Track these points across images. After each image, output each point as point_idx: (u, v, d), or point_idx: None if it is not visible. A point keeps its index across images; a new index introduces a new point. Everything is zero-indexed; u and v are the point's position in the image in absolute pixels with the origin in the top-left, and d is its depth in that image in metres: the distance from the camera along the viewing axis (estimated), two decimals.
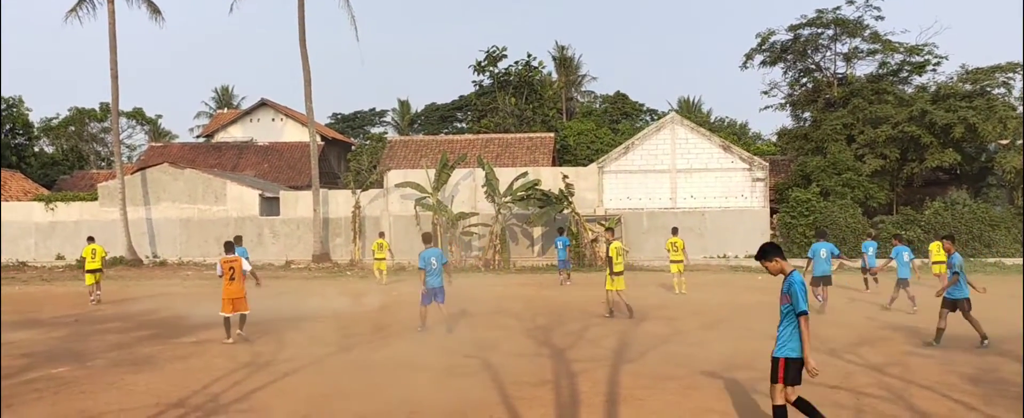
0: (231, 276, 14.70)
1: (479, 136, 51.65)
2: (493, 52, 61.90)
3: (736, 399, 9.78)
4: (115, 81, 38.78)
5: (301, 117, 52.74)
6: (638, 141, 38.76)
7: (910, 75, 43.94)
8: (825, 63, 44.95)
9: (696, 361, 12.35)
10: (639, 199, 37.88)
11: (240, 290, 14.87)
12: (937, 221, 35.68)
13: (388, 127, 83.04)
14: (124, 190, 38.42)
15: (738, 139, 55.45)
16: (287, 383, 10.88)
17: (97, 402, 9.75)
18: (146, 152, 56.81)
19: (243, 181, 42.22)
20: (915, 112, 37.38)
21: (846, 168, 38.23)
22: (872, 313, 18.61)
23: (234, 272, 14.76)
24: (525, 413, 9.11)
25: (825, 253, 19.17)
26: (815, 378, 7.81)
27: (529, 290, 25.37)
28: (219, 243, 38.45)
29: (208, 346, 14.25)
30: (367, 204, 38.88)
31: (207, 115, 74.58)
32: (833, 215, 36.15)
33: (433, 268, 16.03)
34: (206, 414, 9.15)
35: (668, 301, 21.45)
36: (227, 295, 14.76)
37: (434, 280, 16.01)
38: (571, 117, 70.69)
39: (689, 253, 35.31)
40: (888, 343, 13.97)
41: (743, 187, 37.43)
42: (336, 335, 15.42)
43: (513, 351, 13.42)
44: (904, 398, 9.72)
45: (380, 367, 12.12)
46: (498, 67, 62.46)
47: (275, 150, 54.19)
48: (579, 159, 51.13)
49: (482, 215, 37.39)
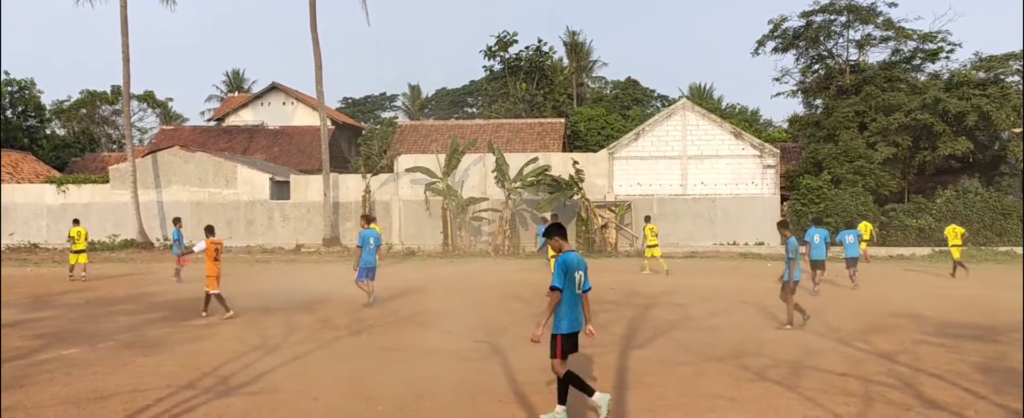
0: (215, 257, 16.19)
1: (490, 121, 51.60)
2: (504, 37, 61.71)
3: (745, 385, 9.77)
4: (127, 64, 38.85)
5: (312, 101, 52.74)
6: (649, 127, 38.68)
7: (923, 63, 43.74)
8: (837, 50, 44.82)
9: (705, 347, 12.35)
10: (649, 185, 37.82)
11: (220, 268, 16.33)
12: (949, 209, 35.54)
13: (399, 112, 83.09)
14: (135, 173, 38.57)
15: (749, 126, 55.23)
16: (297, 366, 10.92)
17: (108, 383, 9.80)
18: (157, 135, 56.94)
19: (254, 165, 42.31)
20: (928, 100, 37.18)
21: (858, 156, 38.08)
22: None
23: (218, 253, 16.32)
24: (533, 398, 9.12)
25: (819, 239, 19.88)
26: (537, 344, 8.38)
27: (539, 276, 25.36)
28: (230, 227, 38.87)
29: (219, 328, 14.32)
30: (377, 188, 38.94)
31: (218, 99, 74.73)
32: (844, 203, 36.05)
33: (370, 247, 17.46)
34: (216, 396, 9.19)
35: (677, 287, 21.44)
36: (212, 273, 16.05)
37: (370, 258, 17.42)
38: (582, 103, 70.54)
39: (699, 240, 35.62)
40: (898, 331, 13.92)
41: (754, 174, 37.33)
42: (346, 319, 15.46)
43: (523, 336, 13.40)
44: (913, 386, 9.69)
45: (389, 351, 12.15)
46: (509, 52, 62.28)
47: (286, 134, 54.24)
48: (589, 145, 51.05)
49: (492, 200, 37.40)
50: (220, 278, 16.23)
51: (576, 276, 8.12)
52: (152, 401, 8.90)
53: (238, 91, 73.27)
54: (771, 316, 15.82)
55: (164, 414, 8.41)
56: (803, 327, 14.08)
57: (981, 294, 20.05)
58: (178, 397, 9.11)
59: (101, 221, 39.28)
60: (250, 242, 38.46)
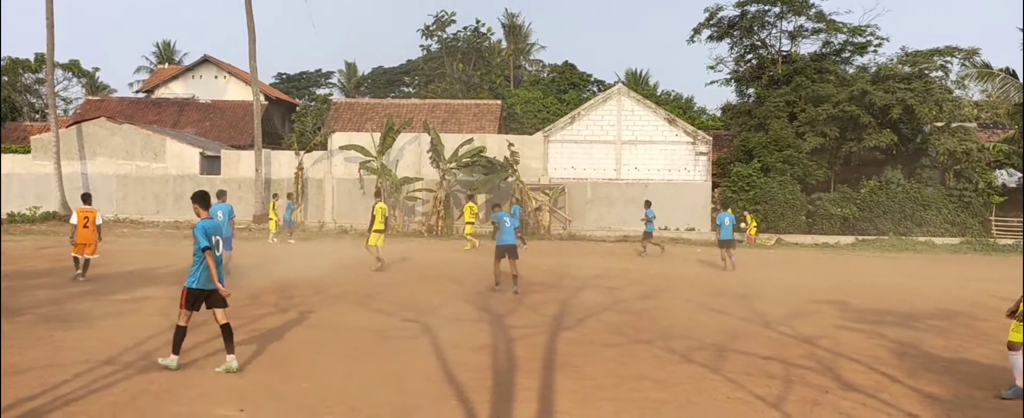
0: (85, 224, 17.35)
1: (426, 101, 51.31)
2: (442, 17, 61.43)
3: (670, 367, 9.93)
4: (51, 31, 37.49)
5: (245, 75, 51.73)
6: (584, 111, 38.88)
7: (852, 55, 44.69)
8: (771, 40, 45.47)
9: (634, 329, 12.51)
10: (584, 169, 38.06)
11: (90, 237, 17.42)
12: (872, 200, 36.49)
13: (334, 89, 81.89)
14: (59, 144, 37.38)
15: (683, 113, 55.84)
16: (221, 342, 10.74)
17: (24, 357, 9.51)
18: (83, 106, 55.30)
19: (183, 139, 41.43)
20: (855, 92, 38.01)
21: (787, 145, 38.84)
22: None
23: (88, 221, 17.44)
24: (461, 376, 9.14)
25: (728, 221, 23.00)
26: (229, 297, 9.44)
27: (471, 257, 25.39)
28: (158, 201, 38.05)
29: (144, 304, 14.01)
30: (310, 166, 38.48)
31: (148, 70, 72.63)
32: (773, 191, 36.79)
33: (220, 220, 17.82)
34: (138, 371, 9.00)
35: (609, 271, 21.66)
36: (80, 240, 17.32)
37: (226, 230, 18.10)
38: (519, 85, 70.47)
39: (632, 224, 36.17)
40: (820, 317, 14.28)
41: (687, 160, 37.84)
42: (275, 297, 15.26)
43: (452, 316, 13.44)
44: (833, 369, 9.96)
45: (317, 328, 12.04)
46: (446, 32, 62.00)
47: (217, 108, 53.13)
48: (525, 127, 51.10)
49: (427, 180, 37.23)
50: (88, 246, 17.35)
51: (212, 240, 9.24)
52: (70, 376, 8.68)
53: (169, 63, 71.40)
54: (697, 301, 16.11)
55: (82, 389, 8.21)
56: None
57: (900, 283, 20.66)
58: (98, 372, 8.90)
59: (22, 192, 38.08)
60: (178, 217, 37.66)
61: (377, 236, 20.67)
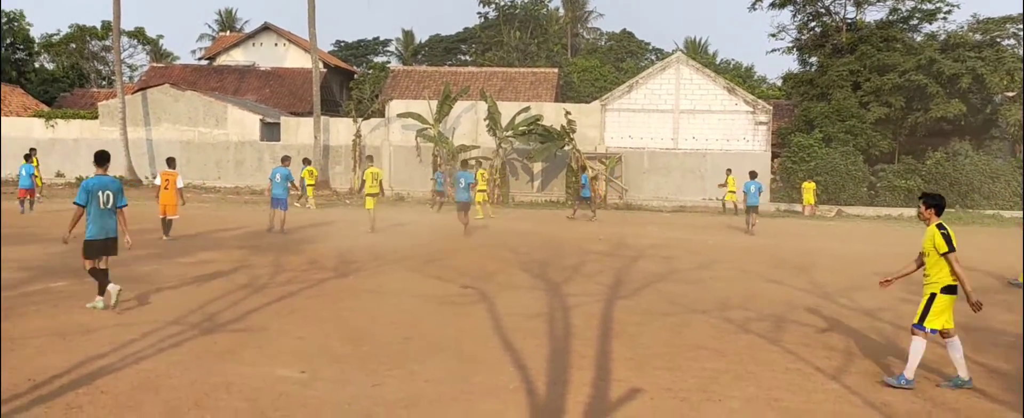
0: (166, 186, 18.11)
1: (483, 69, 51.22)
2: None
3: (728, 337, 9.87)
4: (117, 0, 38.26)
5: (304, 43, 52.17)
6: (642, 80, 38.50)
7: (920, 23, 43.36)
8: (835, 7, 44.36)
9: (690, 299, 12.45)
10: (640, 138, 37.76)
11: (171, 198, 18.15)
12: (938, 171, 35.64)
13: (392, 57, 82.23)
14: (124, 110, 38.25)
15: (743, 82, 54.99)
16: (284, 305, 10.96)
17: (94, 317, 9.83)
18: (147, 72, 56.30)
19: (244, 105, 41.99)
20: (923, 61, 37.00)
21: (850, 115, 38.03)
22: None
23: (169, 183, 18.17)
24: (519, 343, 9.20)
25: (754, 189, 24.35)
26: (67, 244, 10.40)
27: (527, 225, 25.44)
28: (219, 167, 38.76)
29: (206, 266, 14.33)
30: (368, 133, 38.77)
31: (210, 37, 73.69)
32: (834, 162, 36.10)
33: (277, 182, 20.29)
34: (203, 332, 9.23)
35: (666, 241, 21.54)
36: (162, 201, 18.12)
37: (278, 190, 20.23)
38: (576, 54, 70.02)
39: (688, 194, 35.80)
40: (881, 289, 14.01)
41: (746, 130, 37.31)
42: (334, 261, 15.50)
43: (509, 284, 13.51)
44: (894, 343, 9.82)
45: (376, 293, 12.20)
46: (504, 0, 61.60)
47: (277, 75, 53.71)
48: (582, 96, 50.80)
49: (483, 148, 37.27)
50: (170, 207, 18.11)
51: (100, 195, 10.34)
52: (138, 335, 8.93)
53: (230, 31, 72.25)
54: (754, 271, 15.95)
55: (150, 348, 8.45)
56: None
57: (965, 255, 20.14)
58: (165, 332, 9.15)
59: (89, 157, 38.93)
60: (239, 183, 38.34)
61: (371, 200, 21.64)
